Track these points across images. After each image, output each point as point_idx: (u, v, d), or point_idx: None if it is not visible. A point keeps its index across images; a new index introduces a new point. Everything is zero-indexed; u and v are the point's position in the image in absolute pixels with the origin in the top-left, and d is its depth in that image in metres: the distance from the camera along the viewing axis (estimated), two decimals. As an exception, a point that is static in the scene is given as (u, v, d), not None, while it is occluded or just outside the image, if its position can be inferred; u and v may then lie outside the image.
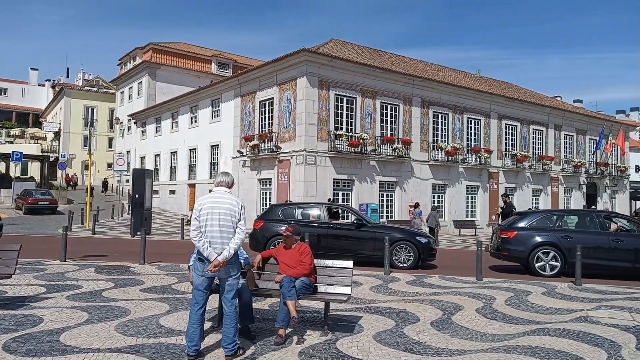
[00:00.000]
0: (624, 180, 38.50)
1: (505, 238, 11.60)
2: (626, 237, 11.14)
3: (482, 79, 34.73)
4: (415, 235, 12.42)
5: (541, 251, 11.10)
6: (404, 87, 25.22)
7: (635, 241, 10.96)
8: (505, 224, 12.57)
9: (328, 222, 12.73)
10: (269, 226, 12.68)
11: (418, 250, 11.93)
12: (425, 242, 12.15)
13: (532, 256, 11.12)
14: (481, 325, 6.52)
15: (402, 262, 11.86)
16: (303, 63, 21.77)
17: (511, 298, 8.29)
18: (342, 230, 12.65)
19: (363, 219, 13.09)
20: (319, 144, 22.04)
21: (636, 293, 8.93)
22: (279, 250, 6.08)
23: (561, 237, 11.15)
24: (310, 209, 13.42)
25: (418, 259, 11.92)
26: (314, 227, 12.48)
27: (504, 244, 11.59)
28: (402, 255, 11.93)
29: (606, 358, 5.22)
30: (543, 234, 11.29)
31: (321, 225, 12.59)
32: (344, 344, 5.44)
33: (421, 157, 25.85)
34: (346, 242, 12.44)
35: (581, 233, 11.36)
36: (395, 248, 11.89)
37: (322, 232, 12.45)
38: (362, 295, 8.26)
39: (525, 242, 11.27)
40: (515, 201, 30.48)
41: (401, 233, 12.41)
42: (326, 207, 13.29)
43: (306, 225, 12.33)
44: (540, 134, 32.38)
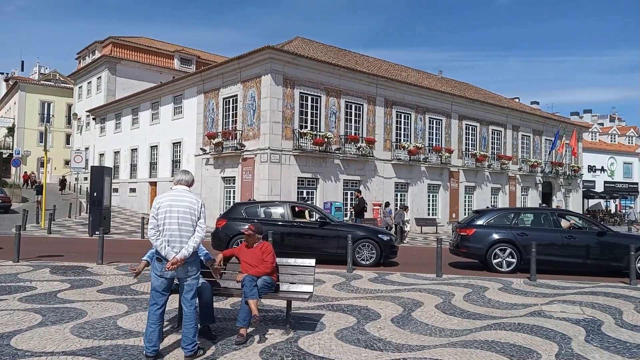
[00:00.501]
0: (577, 180, 40.08)
1: (464, 235, 11.89)
2: (578, 234, 11.61)
3: (444, 80, 35.45)
4: (378, 233, 12.57)
5: (498, 248, 11.44)
6: (368, 86, 25.47)
7: (586, 238, 11.45)
8: (464, 221, 12.88)
9: (292, 221, 12.73)
10: (232, 225, 12.56)
11: (380, 248, 12.08)
12: (387, 240, 12.31)
13: (489, 253, 11.44)
14: (440, 320, 6.68)
15: (364, 259, 11.99)
16: (267, 60, 21.66)
17: (469, 294, 8.52)
18: (306, 229, 12.67)
19: (327, 217, 13.16)
20: (284, 142, 21.99)
21: (586, 288, 9.33)
22: (241, 249, 6.05)
23: (517, 234, 11.52)
24: (274, 208, 13.38)
25: (380, 256, 12.07)
26: (278, 226, 12.46)
27: (463, 241, 11.88)
28: (364, 253, 12.06)
29: (557, 350, 5.43)
30: (500, 232, 11.65)
31: (285, 224, 12.58)
32: (306, 342, 5.46)
33: (384, 156, 26.17)
34: (310, 240, 12.46)
35: (536, 230, 11.75)
36: (358, 246, 12.00)
37: (286, 231, 12.43)
38: (324, 293, 8.31)
39: (483, 240, 11.59)
40: (475, 199, 31.32)
41: (364, 231, 12.53)
42: (290, 205, 13.28)
43: (270, 224, 12.31)
44: (499, 134, 33.32)
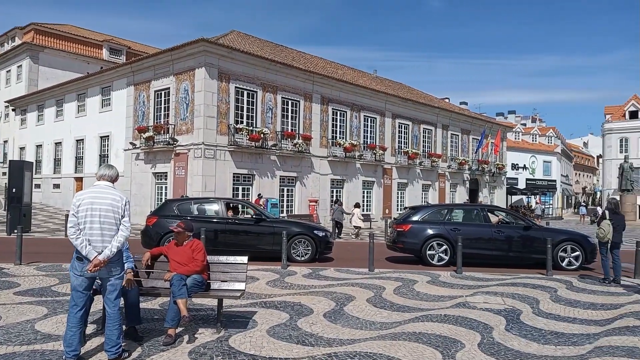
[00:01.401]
0: (502, 177, 42.37)
1: (400, 231, 12.23)
2: (506, 229, 12.23)
3: (379, 79, 36.22)
4: (313, 229, 12.62)
5: (433, 243, 11.85)
6: (304, 83, 25.52)
7: (514, 232, 12.09)
8: (401, 218, 13.22)
9: (226, 218, 12.53)
10: (163, 222, 12.13)
11: (316, 244, 12.15)
12: (322, 236, 12.40)
13: (424, 247, 11.85)
14: (371, 314, 6.82)
15: (300, 255, 12.03)
16: (202, 53, 21.14)
17: (399, 287, 8.76)
18: (241, 226, 12.51)
19: (262, 213, 13.06)
20: (219, 137, 21.58)
21: (507, 279, 9.87)
22: (170, 247, 5.86)
23: (450, 229, 11.98)
24: (208, 204, 13.08)
25: (316, 252, 12.14)
26: (212, 223, 12.21)
27: (400, 237, 12.22)
28: (300, 249, 12.09)
29: (480, 339, 5.70)
30: (434, 227, 12.08)
31: (219, 221, 12.36)
32: (237, 340, 5.39)
33: (321, 153, 26.36)
34: (245, 237, 12.32)
35: (468, 226, 12.31)
36: (294, 242, 12.02)
37: (221, 228, 12.22)
38: (258, 290, 8.25)
39: (419, 235, 11.96)
40: (407, 196, 32.28)
41: (299, 227, 12.54)
42: (224, 202, 13.06)
43: (204, 221, 12.05)
44: (429, 132, 34.53)
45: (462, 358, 5.02)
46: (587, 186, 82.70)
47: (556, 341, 5.74)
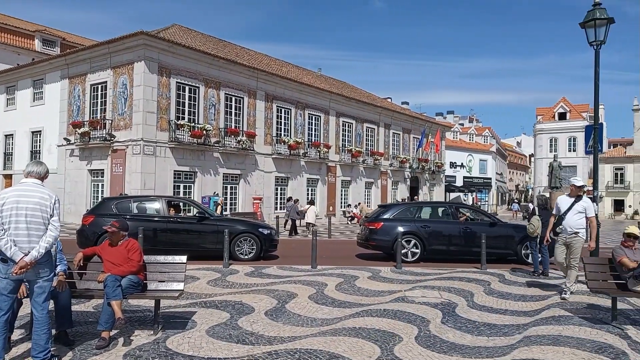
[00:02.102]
0: (441, 175, 43.82)
1: (372, 229, 12.42)
2: (473, 225, 12.54)
3: (323, 78, 36.45)
4: (258, 227, 12.50)
5: (404, 240, 12.06)
6: (248, 79, 25.26)
7: (480, 228, 12.33)
8: (372, 215, 13.36)
9: (168, 216, 12.17)
10: (101, 222, 11.52)
11: (261, 242, 12.03)
12: (267, 234, 12.29)
13: (396, 244, 12.07)
14: (312, 311, 6.86)
15: (244, 254, 11.89)
16: (141, 47, 20.43)
17: (341, 283, 8.86)
18: (184, 224, 12.17)
19: (205, 211, 12.81)
20: (159, 133, 20.96)
21: (445, 273, 10.22)
22: (104, 248, 5.63)
23: (420, 226, 12.29)
24: (149, 203, 12.65)
25: (260, 250, 12.03)
26: (153, 222, 11.84)
27: (372, 234, 12.39)
28: (244, 247, 11.95)
29: (417, 333, 5.86)
30: (405, 225, 12.31)
31: (161, 220, 11.98)
32: (175, 342, 5.26)
33: (265, 150, 26.20)
34: (188, 236, 11.99)
35: (437, 223, 12.66)
36: (239, 240, 11.87)
37: (162, 227, 11.84)
38: (198, 290, 8.08)
39: (390, 232, 12.14)
40: (350, 193, 32.71)
41: (243, 225, 12.37)
42: (166, 200, 12.66)
43: (144, 220, 11.68)
44: (372, 131, 35.15)
45: (400, 351, 5.14)
46: (520, 184, 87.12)
47: (489, 332, 6.00)
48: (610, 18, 9.37)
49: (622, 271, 6.47)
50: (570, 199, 7.92)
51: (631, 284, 6.30)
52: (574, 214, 7.76)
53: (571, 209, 7.79)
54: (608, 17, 9.36)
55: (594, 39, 9.51)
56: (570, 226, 7.73)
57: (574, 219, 7.74)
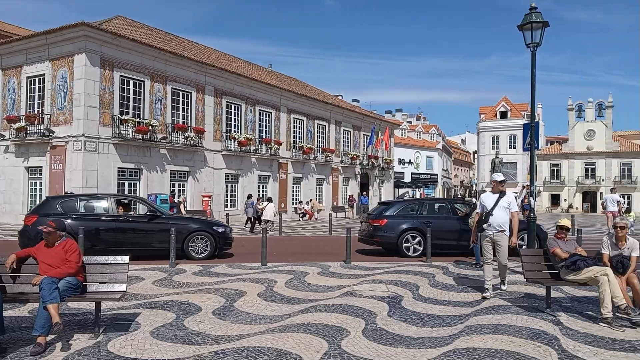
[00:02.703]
0: (389, 171, 44.65)
1: (377, 226, 12.55)
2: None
3: (274, 74, 36.25)
4: (212, 225, 12.29)
5: (408, 235, 12.28)
6: (196, 74, 24.75)
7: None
8: (375, 213, 13.43)
9: (117, 215, 11.77)
10: (45, 222, 11.06)
11: (215, 240, 11.83)
12: (222, 232, 12.08)
13: (400, 240, 12.25)
14: (261, 308, 6.83)
15: (198, 252, 11.68)
16: (82, 38, 19.58)
17: (291, 280, 8.88)
18: (134, 223, 11.77)
19: (157, 210, 12.43)
20: (101, 129, 20.19)
21: (392, 267, 10.43)
22: (39, 249, 5.38)
23: (423, 223, 12.45)
24: (96, 201, 12.17)
25: (215, 248, 11.85)
26: (102, 221, 11.44)
27: (376, 231, 12.51)
28: (198, 245, 11.73)
29: (364, 326, 5.96)
30: (408, 221, 12.51)
31: (110, 219, 11.56)
32: (117, 344, 5.10)
33: (214, 147, 25.79)
34: (139, 235, 11.58)
35: (439, 219, 12.81)
36: (192, 239, 11.64)
37: (112, 227, 11.43)
38: (143, 291, 7.87)
39: (395, 229, 12.34)
40: (302, 190, 32.77)
41: (197, 223, 12.13)
42: (114, 198, 12.23)
43: (91, 220, 11.29)
44: (323, 128, 35.33)
45: (347, 345, 5.21)
46: (465, 179, 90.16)
47: (432, 323, 6.19)
48: (545, 21, 9.85)
49: (555, 261, 6.83)
50: (495, 195, 7.66)
51: (563, 274, 6.66)
52: (500, 211, 7.50)
53: (497, 206, 7.50)
54: (543, 21, 9.83)
55: (530, 41, 9.96)
56: (498, 223, 7.47)
57: (502, 216, 7.49)
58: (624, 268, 6.34)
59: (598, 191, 51.82)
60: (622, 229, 6.54)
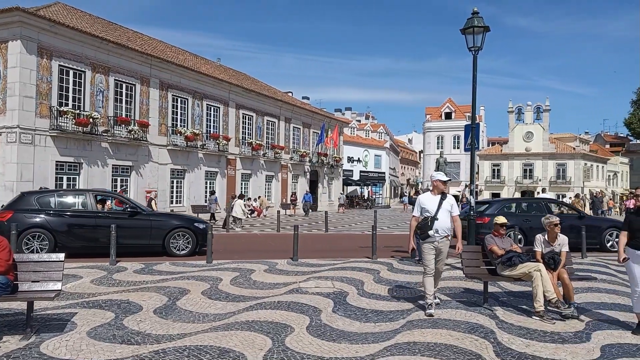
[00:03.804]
0: (339, 169, 45.06)
1: (479, 224, 12.52)
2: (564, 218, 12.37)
3: (222, 68, 35.67)
4: (194, 222, 12.35)
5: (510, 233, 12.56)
6: (141, 66, 23.95)
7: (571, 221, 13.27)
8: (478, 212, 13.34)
9: (96, 211, 11.68)
10: (21, 217, 10.89)
11: (196, 237, 11.87)
12: (202, 228, 12.07)
13: None
14: (205, 306, 6.73)
15: (179, 249, 11.71)
16: (17, 24, 18.48)
17: (236, 277, 8.79)
18: (114, 220, 11.37)
19: (138, 206, 12.30)
20: (38, 120, 19.16)
21: (338, 264, 10.55)
22: (-35, 246, 5.05)
23: (522, 220, 13.46)
24: (75, 197, 11.98)
25: (196, 245, 11.89)
26: (81, 217, 11.26)
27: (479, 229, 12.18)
28: (179, 242, 11.75)
29: (309, 322, 6.00)
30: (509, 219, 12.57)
31: (89, 215, 11.39)
32: (50, 346, 4.88)
33: (160, 141, 25.07)
34: (119, 232, 11.13)
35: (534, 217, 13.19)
36: (174, 235, 11.66)
37: (91, 223, 11.28)
38: (80, 290, 7.56)
39: None
40: (250, 186, 32.48)
41: (179, 220, 12.18)
42: (93, 194, 12.03)
43: (71, 216, 11.27)
44: (273, 125, 35.15)
45: (291, 342, 5.23)
46: (411, 178, 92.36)
47: (376, 319, 6.31)
48: (486, 26, 10.25)
49: (492, 258, 7.14)
50: (436, 197, 6.71)
51: (499, 269, 6.97)
52: (444, 214, 6.60)
53: (441, 209, 6.59)
54: (484, 26, 10.23)
55: (472, 45, 10.34)
56: (443, 228, 6.56)
57: (446, 220, 6.60)
58: (555, 264, 6.71)
59: (535, 191, 54.45)
60: (555, 226, 6.91)
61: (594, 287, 8.33)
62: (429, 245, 6.62)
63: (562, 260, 6.77)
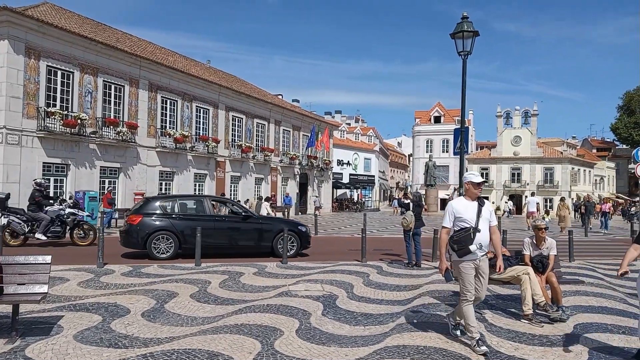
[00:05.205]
0: (329, 172, 45.09)
1: None
2: None
3: (212, 70, 35.56)
4: (297, 225, 12.85)
5: None
6: (130, 67, 23.80)
7: None
8: None
9: (214, 215, 12.54)
10: (150, 221, 11.55)
11: (300, 239, 12.43)
12: (304, 231, 12.64)
13: None
14: (193, 309, 6.67)
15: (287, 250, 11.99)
16: (5, 24, 18.30)
17: (225, 280, 8.74)
18: (230, 223, 12.38)
19: (248, 211, 13.17)
20: (25, 121, 18.96)
21: (328, 267, 10.53)
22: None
23: None
24: (194, 202, 13.03)
25: (300, 246, 12.43)
26: (201, 221, 11.65)
27: None
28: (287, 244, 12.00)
29: (298, 325, 5.98)
30: None
31: (209, 219, 12.04)
32: (36, 350, 4.80)
33: (148, 143, 24.92)
34: (234, 234, 12.15)
35: None
36: (282, 237, 11.78)
37: (210, 226, 11.73)
38: (67, 292, 7.46)
39: None
40: (240, 189, 32.38)
41: (285, 223, 12.75)
42: (210, 199, 13.05)
43: (193, 219, 11.78)
44: (263, 127, 35.10)
45: (280, 345, 5.20)
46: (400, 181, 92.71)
47: (365, 322, 6.30)
48: (475, 31, 10.33)
49: (482, 261, 7.15)
50: (472, 203, 5.43)
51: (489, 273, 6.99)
52: (485, 226, 5.39)
53: (480, 218, 5.34)
54: (474, 30, 10.31)
55: (462, 49, 10.41)
56: (486, 242, 5.40)
57: (487, 233, 5.42)
58: (543, 267, 6.76)
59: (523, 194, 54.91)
60: (540, 230, 6.96)
61: (582, 290, 8.39)
62: (469, 265, 5.35)
63: (551, 264, 6.82)
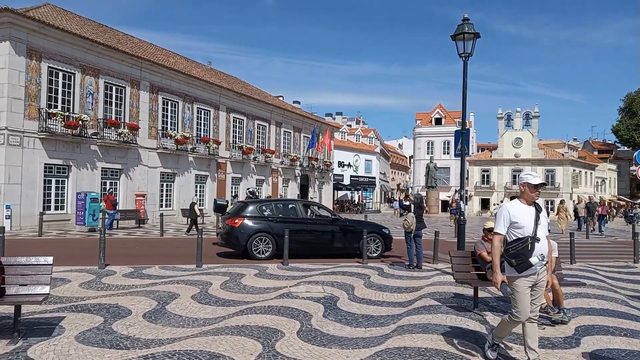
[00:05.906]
0: (329, 174, 45.10)
1: None
2: None
3: (213, 71, 35.61)
4: (382, 228, 13.19)
5: None
6: (131, 68, 23.85)
7: None
8: None
9: (307, 218, 12.97)
10: (249, 224, 12.10)
11: (384, 241, 12.80)
12: (388, 233, 13.02)
13: None
14: (195, 311, 6.68)
15: (371, 252, 12.59)
16: (6, 25, 18.35)
17: (226, 282, 8.75)
18: (320, 225, 12.87)
19: (335, 214, 13.67)
20: (27, 122, 19.00)
21: (329, 269, 10.53)
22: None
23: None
24: (289, 205, 13.46)
25: (384, 247, 12.82)
26: (296, 223, 12.37)
27: None
28: (372, 246, 12.68)
29: (299, 327, 5.98)
30: None
31: (302, 221, 12.63)
32: (38, 350, 4.81)
33: (149, 144, 24.96)
34: (324, 236, 12.68)
35: None
36: (367, 240, 11.98)
37: (303, 228, 12.44)
38: (69, 293, 7.47)
39: None
40: (241, 190, 32.39)
41: (369, 226, 13.09)
42: (302, 203, 13.58)
43: (290, 222, 12.27)
44: (264, 128, 35.13)
45: (281, 347, 5.21)
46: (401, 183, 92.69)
47: (366, 324, 6.30)
48: (476, 33, 10.34)
49: (482, 263, 7.17)
50: (529, 208, 4.65)
51: (489, 275, 7.00)
52: (543, 234, 4.64)
53: (539, 225, 4.60)
54: (475, 32, 10.32)
55: (462, 51, 10.42)
56: (545, 254, 4.62)
57: (546, 242, 4.67)
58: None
59: (523, 196, 54.87)
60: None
61: (583, 292, 8.39)
62: (527, 282, 4.57)
63: (552, 266, 6.82)
